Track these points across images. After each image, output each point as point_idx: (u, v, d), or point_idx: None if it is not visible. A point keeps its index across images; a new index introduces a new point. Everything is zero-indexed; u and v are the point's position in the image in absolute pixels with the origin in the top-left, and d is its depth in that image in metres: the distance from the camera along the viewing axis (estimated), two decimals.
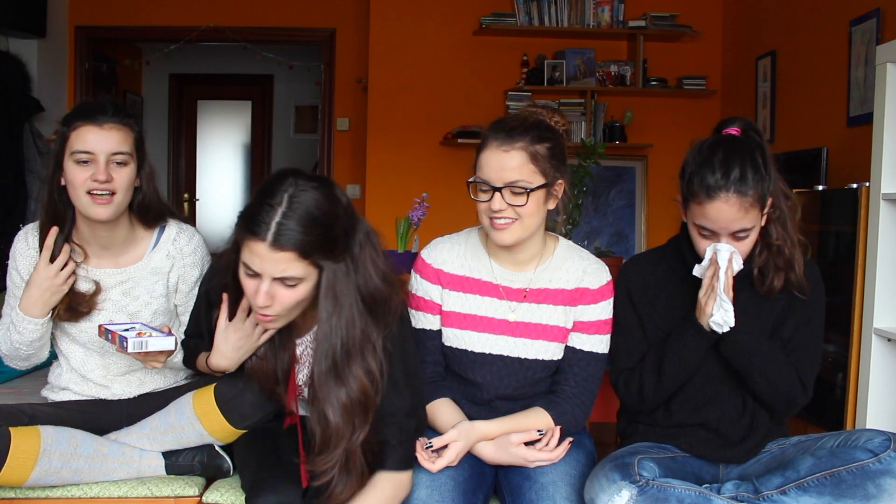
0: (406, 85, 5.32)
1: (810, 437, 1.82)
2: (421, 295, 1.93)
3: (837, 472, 1.65)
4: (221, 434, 1.89)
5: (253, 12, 5.72)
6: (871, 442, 1.67)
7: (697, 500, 1.65)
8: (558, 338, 1.90)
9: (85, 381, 2.05)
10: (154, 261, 2.03)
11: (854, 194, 2.83)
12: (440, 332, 1.94)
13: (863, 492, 1.63)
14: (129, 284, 2.02)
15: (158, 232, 2.05)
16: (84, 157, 1.87)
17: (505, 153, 1.77)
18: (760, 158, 1.75)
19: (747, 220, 1.73)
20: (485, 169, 1.79)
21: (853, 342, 2.76)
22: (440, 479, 1.76)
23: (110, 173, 1.88)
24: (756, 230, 1.78)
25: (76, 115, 1.90)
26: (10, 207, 4.75)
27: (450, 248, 1.94)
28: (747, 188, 1.71)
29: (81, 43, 5.75)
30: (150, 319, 2.02)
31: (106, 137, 1.88)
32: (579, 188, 3.31)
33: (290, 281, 1.60)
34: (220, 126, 8.09)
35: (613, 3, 5.25)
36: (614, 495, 1.64)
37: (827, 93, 4.02)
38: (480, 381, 1.90)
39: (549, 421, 1.86)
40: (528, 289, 1.90)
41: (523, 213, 1.78)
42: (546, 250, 1.92)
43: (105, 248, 2.00)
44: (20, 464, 1.77)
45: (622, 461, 1.71)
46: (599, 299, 1.90)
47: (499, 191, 1.76)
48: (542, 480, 1.77)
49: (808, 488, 1.66)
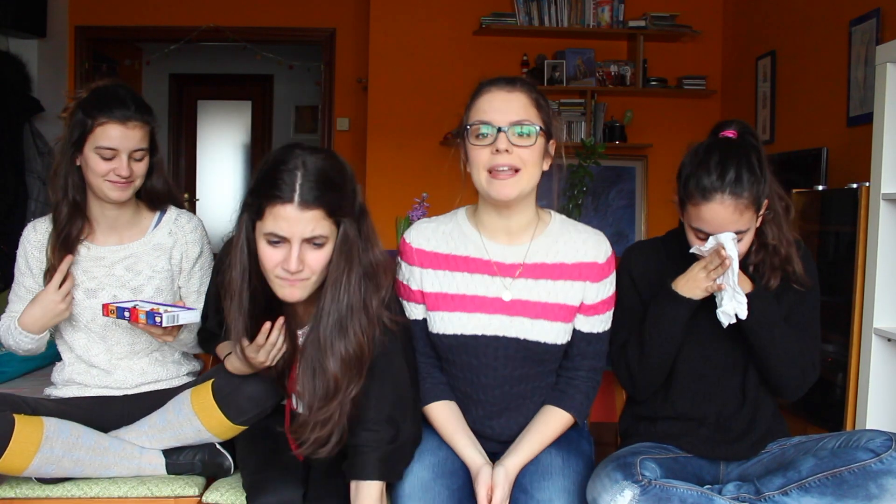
0: (406, 85, 5.32)
1: (811, 438, 1.82)
2: (403, 281, 1.86)
3: (839, 473, 1.65)
4: (219, 430, 1.90)
5: (253, 12, 5.73)
6: (872, 442, 1.67)
7: (700, 500, 1.65)
8: (561, 317, 1.79)
9: (89, 369, 2.07)
10: (157, 237, 2.12)
11: (854, 194, 2.83)
12: (426, 322, 1.85)
13: (864, 492, 1.63)
14: (131, 260, 2.08)
15: (160, 214, 2.15)
16: (108, 154, 1.96)
17: (509, 93, 1.72)
18: (756, 161, 1.76)
19: (743, 222, 1.74)
20: (487, 111, 1.71)
21: (853, 342, 2.76)
22: (434, 489, 1.72)
23: (131, 167, 1.98)
24: (752, 232, 1.78)
25: (100, 109, 1.96)
26: (10, 207, 4.75)
27: (434, 228, 1.86)
28: (742, 190, 1.72)
29: (81, 43, 5.75)
30: (152, 295, 2.07)
31: (130, 136, 1.98)
32: (579, 188, 3.31)
33: (319, 240, 1.64)
34: (220, 126, 8.09)
35: (613, 3, 5.25)
36: (617, 495, 1.64)
37: (827, 93, 4.02)
38: (477, 366, 1.80)
39: (566, 419, 1.82)
40: (524, 263, 1.80)
41: (527, 160, 1.70)
42: (540, 223, 1.84)
43: (111, 227, 2.09)
44: (23, 449, 1.78)
45: (624, 461, 1.70)
46: (607, 273, 1.83)
47: (503, 131, 1.69)
48: (538, 497, 1.71)
49: (810, 489, 1.66)
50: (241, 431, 1.92)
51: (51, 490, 1.88)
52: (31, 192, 4.89)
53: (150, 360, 2.11)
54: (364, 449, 1.68)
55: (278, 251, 1.63)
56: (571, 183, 3.34)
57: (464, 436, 1.80)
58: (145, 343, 2.09)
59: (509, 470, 1.74)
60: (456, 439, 1.80)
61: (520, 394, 1.83)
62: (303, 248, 1.63)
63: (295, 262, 1.62)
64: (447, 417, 1.83)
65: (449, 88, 5.28)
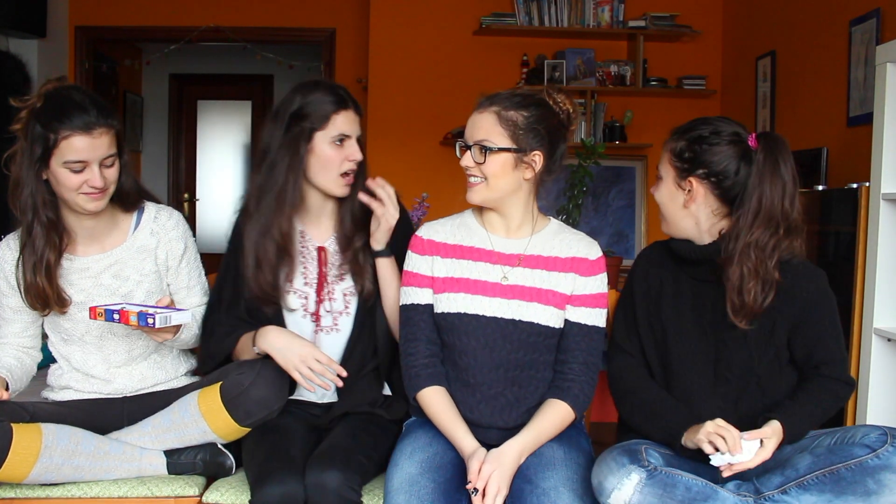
0: (406, 85, 5.32)
1: (808, 436, 1.82)
2: (411, 269, 1.99)
3: (836, 470, 1.65)
4: (225, 431, 1.91)
5: (253, 12, 5.73)
6: (867, 437, 1.68)
7: (705, 489, 1.66)
8: (552, 302, 1.91)
9: (87, 378, 2.06)
10: (139, 240, 2.06)
11: (854, 194, 2.83)
12: (431, 308, 1.96)
13: (863, 488, 1.63)
14: (117, 266, 2.04)
15: (138, 214, 2.08)
16: (78, 167, 1.89)
17: (479, 114, 1.92)
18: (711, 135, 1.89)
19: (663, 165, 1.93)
20: (467, 128, 1.93)
21: (853, 342, 2.76)
22: (420, 482, 1.75)
23: (103, 176, 1.91)
24: (669, 181, 1.91)
25: (60, 120, 1.86)
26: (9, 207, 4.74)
27: (443, 223, 2.03)
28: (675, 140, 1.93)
29: (81, 43, 5.75)
30: (144, 299, 2.03)
31: (98, 145, 1.89)
32: (579, 188, 3.31)
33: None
34: (220, 126, 8.09)
35: (613, 3, 5.25)
36: (623, 478, 1.65)
37: (827, 93, 4.02)
38: (475, 347, 1.89)
39: (566, 412, 1.88)
40: (523, 255, 1.95)
41: (487, 173, 1.89)
42: (539, 223, 2.00)
43: (90, 237, 2.03)
44: (22, 460, 1.77)
45: (630, 447, 1.73)
46: (597, 271, 1.95)
47: (468, 148, 1.91)
48: (543, 486, 1.75)
49: (809, 486, 1.66)
50: (245, 433, 1.93)
51: (51, 490, 1.88)
52: None
53: (148, 363, 2.09)
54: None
55: (341, 150, 2.04)
56: (571, 183, 3.33)
57: (459, 423, 1.88)
58: (142, 348, 2.07)
59: (504, 451, 1.79)
60: (453, 426, 1.87)
61: (514, 379, 1.90)
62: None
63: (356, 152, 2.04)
64: (442, 402, 1.90)
65: (449, 88, 5.28)
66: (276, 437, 1.92)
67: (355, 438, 1.93)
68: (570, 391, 1.90)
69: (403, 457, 1.84)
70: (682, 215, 1.89)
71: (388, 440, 1.99)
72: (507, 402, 1.91)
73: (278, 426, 1.96)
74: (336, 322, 2.09)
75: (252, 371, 1.90)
